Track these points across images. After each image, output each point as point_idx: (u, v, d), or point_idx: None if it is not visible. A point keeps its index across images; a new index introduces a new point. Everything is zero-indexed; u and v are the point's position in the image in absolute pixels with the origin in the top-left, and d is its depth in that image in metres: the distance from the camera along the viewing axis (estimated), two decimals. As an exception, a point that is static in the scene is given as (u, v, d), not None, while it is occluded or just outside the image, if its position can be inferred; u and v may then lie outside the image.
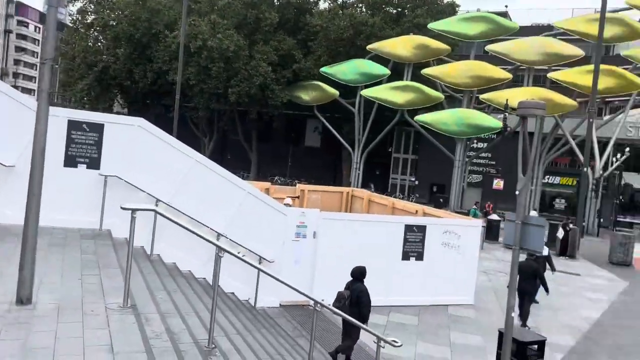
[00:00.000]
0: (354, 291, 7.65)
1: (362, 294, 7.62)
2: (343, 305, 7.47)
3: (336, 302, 7.56)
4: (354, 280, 7.85)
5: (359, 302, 7.59)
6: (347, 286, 7.88)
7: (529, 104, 6.96)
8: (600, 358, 9.40)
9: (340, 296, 7.64)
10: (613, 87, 31.24)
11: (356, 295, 7.60)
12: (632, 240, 20.22)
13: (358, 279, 7.84)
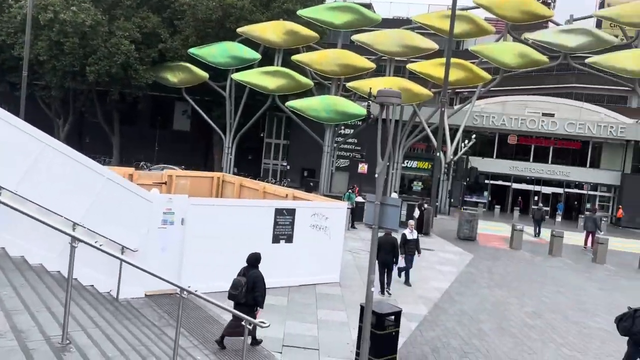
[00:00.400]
0: (250, 277, 7.84)
1: (257, 279, 7.83)
2: (240, 292, 7.70)
3: (233, 289, 7.76)
4: (249, 267, 8.02)
5: (255, 288, 7.79)
6: (242, 273, 8.00)
7: (386, 92, 7.42)
8: (447, 323, 10.47)
9: (237, 283, 7.80)
10: (462, 79, 34.40)
11: (252, 281, 7.81)
12: (476, 217, 22.64)
13: (253, 265, 8.01)
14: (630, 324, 7.60)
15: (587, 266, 19.07)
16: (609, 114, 43.84)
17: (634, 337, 7.62)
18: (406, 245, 12.86)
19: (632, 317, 7.64)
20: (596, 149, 43.40)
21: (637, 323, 7.50)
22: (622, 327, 7.81)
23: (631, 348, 7.77)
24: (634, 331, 7.55)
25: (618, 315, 8.02)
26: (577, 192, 44.44)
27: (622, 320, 7.81)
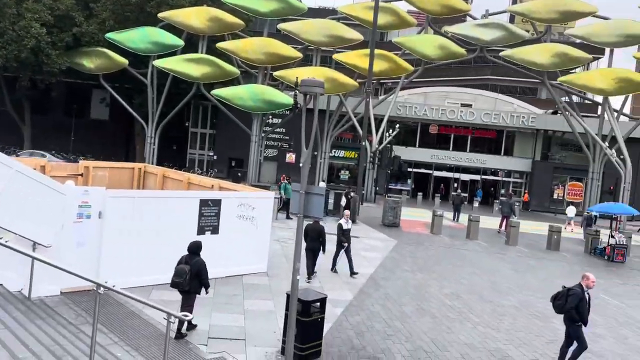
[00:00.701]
0: (194, 265, 8.10)
1: (201, 267, 8.15)
2: (184, 279, 7.96)
3: (176, 277, 8.00)
4: (191, 255, 8.25)
5: (199, 274, 8.12)
6: (185, 261, 8.19)
7: (309, 82, 7.46)
8: (372, 308, 10.80)
9: (180, 271, 8.02)
10: (386, 70, 35.23)
11: (196, 268, 8.09)
12: (399, 204, 23.39)
13: (195, 253, 8.28)
14: (564, 302, 8.06)
15: (500, 248, 20.31)
16: (521, 104, 46.62)
17: (567, 314, 8.08)
18: (343, 235, 13.04)
19: (565, 295, 8.10)
20: (510, 138, 46.06)
21: (570, 301, 7.96)
22: (556, 305, 8.24)
23: (567, 324, 8.21)
24: (567, 308, 8.01)
25: (553, 294, 8.45)
26: (493, 179, 47.04)
27: (557, 299, 8.25)
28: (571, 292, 8.04)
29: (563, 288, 8.32)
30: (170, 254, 10.70)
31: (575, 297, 7.96)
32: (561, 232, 21.54)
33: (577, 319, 8.02)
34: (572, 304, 7.94)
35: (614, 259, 19.64)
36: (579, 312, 7.96)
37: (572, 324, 8.08)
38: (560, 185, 42.92)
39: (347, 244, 13.16)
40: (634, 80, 33.58)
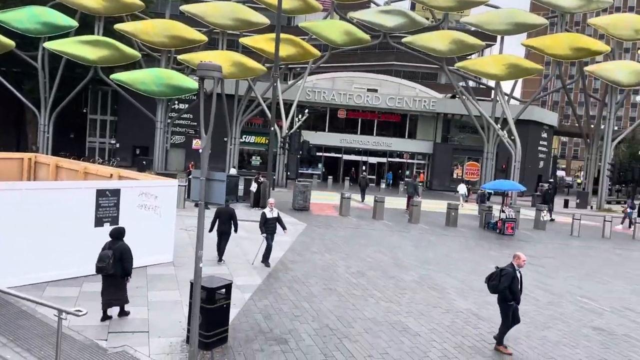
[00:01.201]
0: (117, 250, 8.32)
1: (124, 251, 8.38)
2: (108, 264, 8.15)
3: (100, 262, 8.16)
4: (114, 240, 8.48)
5: (122, 259, 8.33)
6: (108, 246, 8.39)
7: (206, 65, 7.30)
8: (280, 290, 10.95)
9: (104, 256, 8.20)
10: (294, 54, 35.27)
11: (119, 252, 8.31)
12: (309, 188, 23.73)
13: (118, 238, 8.50)
14: (497, 282, 8.37)
15: (404, 227, 21.31)
16: (423, 89, 48.74)
17: (500, 294, 8.40)
18: (266, 224, 12.73)
19: (498, 276, 8.39)
20: (413, 121, 48.11)
21: (503, 281, 8.25)
22: (491, 285, 8.54)
23: (500, 303, 8.54)
24: (500, 288, 8.32)
25: (487, 275, 8.76)
26: (399, 161, 49.00)
27: (491, 280, 8.54)
28: (504, 272, 8.28)
29: (496, 269, 8.57)
30: (66, 248, 10.18)
31: (507, 276, 8.21)
32: (458, 209, 23.00)
33: (510, 298, 8.29)
34: (505, 283, 8.19)
35: (504, 232, 21.33)
36: (512, 291, 8.24)
37: (504, 303, 8.35)
38: (459, 166, 45.65)
39: (272, 233, 12.83)
40: (522, 66, 36.27)
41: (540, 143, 50.17)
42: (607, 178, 34.36)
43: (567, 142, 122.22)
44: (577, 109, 52.62)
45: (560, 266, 16.07)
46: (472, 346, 8.62)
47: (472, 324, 9.73)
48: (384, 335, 8.82)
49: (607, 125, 37.99)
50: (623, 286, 13.99)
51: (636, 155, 48.36)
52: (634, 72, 36.44)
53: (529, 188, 45.04)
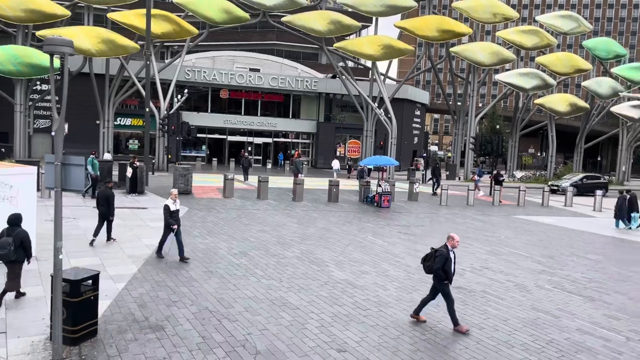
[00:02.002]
0: (17, 236, 8.38)
1: (24, 237, 8.50)
2: (9, 250, 8.23)
3: (1, 250, 8.20)
4: (11, 227, 8.47)
5: (23, 245, 8.45)
6: (6, 233, 8.39)
7: (55, 40, 6.72)
8: (156, 277, 10.59)
9: (4, 243, 8.23)
10: (170, 32, 33.73)
11: (20, 238, 8.40)
12: (190, 171, 23.07)
13: (16, 224, 8.51)
14: (432, 263, 8.60)
15: (288, 205, 21.61)
16: (305, 69, 49.33)
17: (435, 274, 8.61)
18: (172, 217, 11.82)
19: (433, 256, 8.63)
20: (296, 101, 48.59)
21: (437, 261, 8.50)
22: (426, 266, 8.76)
23: (435, 282, 8.73)
24: (434, 269, 8.55)
25: (423, 256, 8.98)
26: (284, 141, 49.37)
27: (426, 261, 8.77)
28: (438, 253, 8.53)
29: (431, 250, 8.82)
30: None
31: (441, 257, 8.47)
32: (339, 186, 23.80)
33: (444, 277, 8.54)
34: (439, 264, 8.43)
35: (381, 204, 22.52)
36: (445, 271, 8.50)
37: (440, 282, 8.59)
38: (341, 144, 47.12)
39: (175, 226, 11.88)
40: (396, 47, 38.06)
41: (414, 120, 53.33)
42: (471, 151, 37.53)
43: (439, 119, 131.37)
44: (446, 88, 56.56)
45: (429, 233, 17.36)
46: (348, 314, 9.04)
47: (348, 294, 10.19)
48: (264, 312, 8.92)
49: (470, 102, 41.36)
50: (482, 247, 15.48)
51: (496, 129, 53.34)
52: (494, 53, 39.90)
53: (406, 163, 47.90)
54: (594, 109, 47.93)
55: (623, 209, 20.90)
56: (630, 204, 20.91)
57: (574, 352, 7.85)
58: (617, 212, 21.08)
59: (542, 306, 10.04)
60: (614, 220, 21.32)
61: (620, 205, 20.94)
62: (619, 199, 21.10)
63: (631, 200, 20.96)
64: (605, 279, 12.52)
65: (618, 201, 21.10)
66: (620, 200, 21.04)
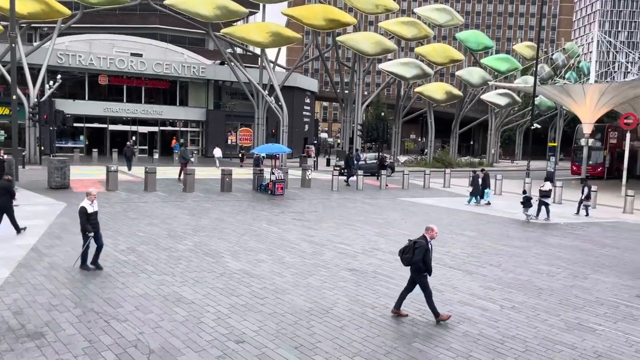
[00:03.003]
0: None
1: None
2: None
3: None
4: None
5: None
6: None
7: None
8: (34, 280, 9.71)
9: None
10: (37, 12, 30.84)
11: None
12: (67, 164, 21.36)
13: None
14: (411, 255, 8.36)
15: (178, 196, 20.88)
16: (191, 55, 47.67)
17: (414, 266, 8.40)
18: (90, 220, 10.41)
19: (412, 248, 8.39)
20: (183, 88, 46.91)
21: (417, 253, 8.29)
22: (405, 258, 8.49)
23: (414, 274, 8.52)
24: (415, 260, 8.34)
25: (401, 248, 8.71)
26: (172, 129, 47.48)
27: (405, 253, 8.50)
28: (417, 245, 8.34)
29: (409, 242, 8.61)
30: None
31: (421, 249, 8.29)
32: (232, 175, 23.46)
33: (424, 269, 8.37)
34: (419, 256, 8.27)
35: (275, 192, 22.59)
36: (426, 262, 8.37)
37: (419, 274, 8.41)
38: (232, 132, 46.39)
39: (92, 234, 10.45)
40: (284, 35, 38.11)
41: (304, 108, 54.02)
42: (359, 137, 38.92)
43: (328, 107, 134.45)
44: (334, 76, 57.86)
45: (323, 218, 17.77)
46: (245, 304, 8.97)
47: (245, 283, 10.11)
48: (157, 309, 8.56)
49: (357, 90, 42.74)
50: (371, 230, 16.18)
51: (381, 116, 55.75)
52: (377, 43, 41.48)
53: (297, 150, 48.46)
54: (467, 97, 51.89)
55: (477, 186, 22.95)
56: (484, 181, 23.08)
57: (457, 322, 8.51)
58: (472, 189, 23.13)
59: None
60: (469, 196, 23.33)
61: (475, 183, 23.01)
62: (474, 177, 23.30)
63: (484, 178, 23.14)
64: (481, 253, 13.70)
65: (473, 180, 23.21)
66: (475, 178, 23.16)
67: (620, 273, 12.14)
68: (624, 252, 14.50)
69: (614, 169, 39.59)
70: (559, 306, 9.54)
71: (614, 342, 7.92)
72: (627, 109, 37.88)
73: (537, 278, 11.41)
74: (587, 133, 35.75)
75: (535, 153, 45.91)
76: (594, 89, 33.82)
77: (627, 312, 9.33)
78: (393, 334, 7.90)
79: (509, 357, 7.25)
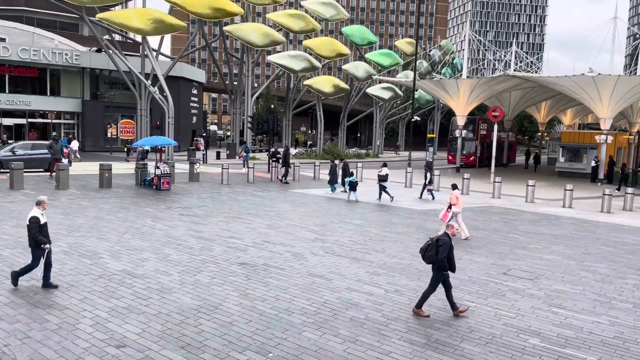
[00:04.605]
0: None
1: None
2: None
3: None
4: None
5: None
6: None
7: None
8: None
9: None
10: None
11: None
12: None
13: None
14: (434, 253, 8.08)
15: (50, 194, 19.15)
16: (63, 40, 43.97)
17: (439, 264, 8.10)
18: (42, 231, 8.90)
19: (435, 246, 8.11)
20: (55, 77, 43.13)
21: (441, 251, 8.01)
22: (428, 256, 8.19)
23: (436, 274, 8.24)
24: (440, 258, 8.04)
25: (422, 247, 8.34)
26: (43, 122, 43.51)
27: (427, 251, 8.21)
28: (441, 243, 8.15)
29: (430, 240, 8.38)
30: None
31: (445, 246, 8.13)
32: (112, 170, 22.03)
33: (447, 267, 8.23)
34: (443, 253, 8.11)
35: (160, 187, 21.61)
36: (449, 259, 8.19)
37: (440, 272, 8.26)
38: (112, 124, 43.56)
39: (48, 246, 8.94)
40: (167, 22, 36.48)
41: (191, 99, 52.29)
42: (249, 130, 38.54)
43: (217, 98, 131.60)
44: (222, 67, 56.65)
45: (212, 213, 17.34)
46: (127, 306, 8.46)
47: (126, 284, 9.54)
48: (24, 318, 7.77)
49: (246, 82, 42.26)
50: (262, 222, 16.09)
51: (271, 108, 55.69)
52: (265, 34, 41.25)
53: (185, 143, 46.85)
54: (353, 90, 53.58)
55: (335, 175, 23.74)
56: (344, 170, 23.93)
57: (344, 309, 8.74)
58: (330, 178, 23.84)
59: (316, 271, 10.91)
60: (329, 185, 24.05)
61: (333, 172, 23.73)
62: (331, 167, 23.99)
63: (344, 168, 24.02)
64: (367, 240, 14.22)
65: (331, 169, 23.91)
66: (332, 167, 23.87)
67: (489, 253, 13.27)
68: (492, 233, 15.88)
69: (485, 158, 43.22)
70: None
71: (485, 317, 8.62)
72: (494, 102, 41.55)
73: (417, 261, 12.09)
74: (460, 125, 38.62)
75: (416, 144, 48.73)
76: (466, 84, 36.59)
77: (495, 289, 10.21)
78: (283, 325, 7.90)
79: (393, 337, 7.58)
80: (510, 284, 10.58)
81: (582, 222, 18.54)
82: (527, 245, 14.26)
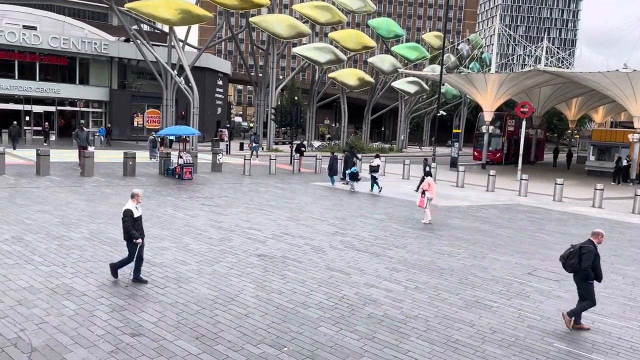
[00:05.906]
0: None
1: None
2: None
3: None
4: None
5: None
6: None
7: None
8: None
9: None
10: None
11: None
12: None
13: None
14: (577, 261, 7.69)
15: (75, 181, 19.43)
16: (92, 30, 44.55)
17: (582, 273, 7.70)
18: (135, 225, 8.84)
19: (577, 254, 7.69)
20: (84, 65, 43.77)
21: (585, 259, 7.61)
22: (569, 264, 7.84)
23: (580, 283, 7.85)
24: (584, 268, 7.64)
25: (563, 254, 7.98)
26: (71, 109, 44.26)
27: (569, 259, 7.81)
28: (584, 250, 7.67)
29: (572, 247, 7.91)
30: None
31: (589, 254, 7.63)
32: (136, 158, 22.21)
33: (592, 277, 7.75)
34: (587, 262, 7.61)
35: (183, 176, 21.71)
36: (594, 268, 7.73)
37: (585, 282, 7.78)
38: (139, 113, 44.07)
39: (140, 240, 8.79)
40: (194, 13, 36.58)
41: (216, 90, 52.52)
42: (273, 122, 38.50)
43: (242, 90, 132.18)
44: (248, 59, 56.73)
45: (233, 203, 17.32)
46: (144, 294, 8.44)
47: (145, 273, 9.50)
48: (43, 304, 7.80)
49: (271, 73, 42.18)
50: (283, 214, 15.99)
51: (295, 100, 55.58)
52: (291, 26, 41.06)
53: (210, 133, 47.12)
54: (379, 84, 53.05)
55: (334, 167, 23.46)
56: (345, 162, 23.57)
57: (362, 304, 8.55)
58: (329, 171, 23.56)
59: (335, 265, 10.75)
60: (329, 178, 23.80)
61: (331, 165, 23.45)
62: (331, 159, 23.74)
63: (346, 160, 23.69)
64: (388, 235, 13.98)
65: (329, 161, 23.66)
66: (331, 159, 23.61)
67: (514, 252, 12.91)
68: (517, 232, 15.47)
69: (512, 155, 42.39)
70: (458, 285, 9.92)
71: (508, 318, 8.34)
72: (523, 98, 40.62)
73: (439, 259, 11.82)
74: (487, 121, 37.86)
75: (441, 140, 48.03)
76: (495, 79, 35.82)
77: (520, 289, 9.89)
78: (299, 319, 7.77)
79: (411, 336, 7.37)
80: (535, 284, 10.24)
81: (613, 223, 17.95)
82: (553, 245, 13.83)
